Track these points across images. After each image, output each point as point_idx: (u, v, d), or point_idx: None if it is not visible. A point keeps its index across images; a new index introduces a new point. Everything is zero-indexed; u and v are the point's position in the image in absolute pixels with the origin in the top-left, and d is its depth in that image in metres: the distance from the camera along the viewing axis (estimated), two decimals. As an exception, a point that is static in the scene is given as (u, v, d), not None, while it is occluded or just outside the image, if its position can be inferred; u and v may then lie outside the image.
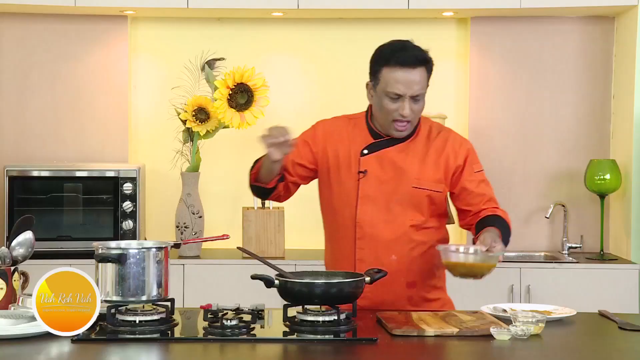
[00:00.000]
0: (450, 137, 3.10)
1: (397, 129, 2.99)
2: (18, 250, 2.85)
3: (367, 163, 3.04)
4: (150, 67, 5.07)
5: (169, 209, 4.91)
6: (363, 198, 3.03)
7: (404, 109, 2.95)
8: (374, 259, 3.02)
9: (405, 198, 3.02)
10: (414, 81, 2.94)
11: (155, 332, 2.55)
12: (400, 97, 2.95)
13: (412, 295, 3.06)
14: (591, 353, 2.43)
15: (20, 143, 4.94)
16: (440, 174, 3.05)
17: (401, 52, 2.97)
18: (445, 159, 3.05)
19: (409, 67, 2.94)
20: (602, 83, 4.96)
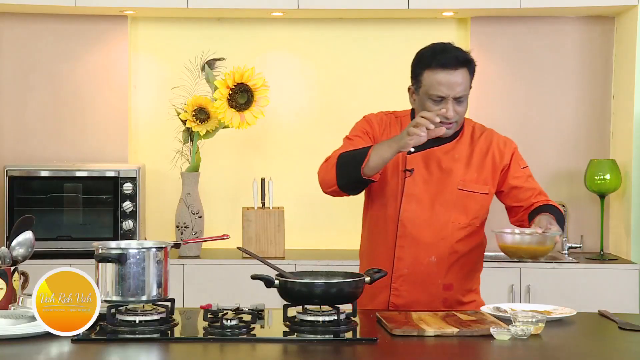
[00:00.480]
0: (495, 137, 3.11)
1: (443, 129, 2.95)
2: (18, 250, 2.85)
3: (413, 162, 3.03)
4: (150, 67, 5.07)
5: (169, 209, 4.91)
6: (408, 196, 3.01)
7: (448, 110, 2.94)
8: (413, 259, 3.02)
9: (450, 199, 3.02)
10: (456, 82, 2.93)
11: (155, 332, 2.55)
12: (443, 99, 2.94)
13: (448, 297, 3.05)
14: (591, 353, 2.43)
15: (20, 143, 4.94)
16: (485, 175, 3.05)
17: (442, 54, 2.96)
18: (491, 159, 3.06)
19: (451, 69, 2.93)
20: (602, 83, 4.96)
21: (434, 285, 3.03)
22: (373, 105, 5.06)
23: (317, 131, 5.10)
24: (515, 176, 3.08)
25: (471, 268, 3.11)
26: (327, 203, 5.11)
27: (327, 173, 3.02)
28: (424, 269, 3.01)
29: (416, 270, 3.01)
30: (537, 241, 2.68)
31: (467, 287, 3.11)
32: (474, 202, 3.04)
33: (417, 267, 3.01)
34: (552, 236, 2.68)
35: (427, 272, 3.01)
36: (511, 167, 3.08)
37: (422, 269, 3.01)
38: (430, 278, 3.01)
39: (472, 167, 3.04)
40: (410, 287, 3.02)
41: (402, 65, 5.03)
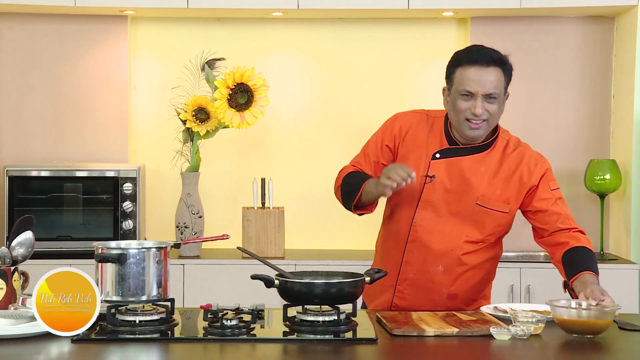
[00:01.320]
0: (527, 154, 3.01)
1: (471, 127, 2.90)
2: (18, 250, 2.85)
3: (436, 168, 2.96)
4: (150, 67, 5.07)
5: (169, 209, 4.91)
6: (424, 202, 2.96)
7: (476, 107, 2.87)
8: (421, 265, 2.99)
9: (467, 213, 2.95)
10: (487, 79, 2.88)
11: (155, 332, 2.55)
12: (473, 96, 2.88)
13: (451, 306, 3.01)
14: (591, 353, 2.43)
15: (20, 143, 4.94)
16: (509, 194, 2.97)
17: (475, 52, 2.95)
18: (518, 176, 2.97)
19: (482, 65, 2.90)
20: (602, 83, 4.96)
21: (439, 294, 3.00)
22: (373, 105, 5.09)
23: (317, 131, 5.10)
24: (542, 198, 2.98)
25: (481, 279, 3.06)
26: (327, 203, 5.10)
27: (337, 192, 3.12)
28: (430, 276, 2.98)
29: (422, 277, 2.99)
30: (596, 316, 2.54)
31: (473, 297, 3.07)
32: (491, 219, 2.97)
33: (424, 273, 2.98)
34: (612, 311, 2.56)
35: (432, 280, 2.98)
36: (539, 188, 2.98)
37: (428, 277, 2.98)
38: (436, 286, 2.98)
39: (497, 184, 2.96)
40: (414, 291, 3.00)
41: (402, 65, 5.07)
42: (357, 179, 3.01)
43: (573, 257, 2.90)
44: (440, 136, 3.00)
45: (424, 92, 5.05)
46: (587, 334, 2.53)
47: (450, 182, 2.95)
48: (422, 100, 5.02)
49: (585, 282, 2.77)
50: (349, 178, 3.03)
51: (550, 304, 2.60)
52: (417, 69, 5.07)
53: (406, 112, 3.12)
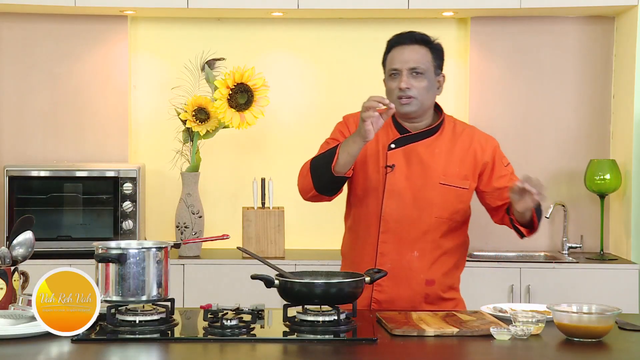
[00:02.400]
0: (476, 133, 3.16)
1: (402, 103, 3.03)
2: (18, 250, 2.85)
3: (394, 157, 3.06)
4: (150, 67, 5.07)
5: (169, 209, 4.91)
6: (389, 192, 3.04)
7: (401, 82, 3.02)
8: (396, 254, 3.05)
9: (432, 194, 3.04)
10: (410, 56, 3.05)
11: (155, 332, 2.55)
12: (399, 73, 3.04)
13: (430, 293, 3.08)
14: (591, 353, 2.43)
15: (20, 143, 4.94)
16: (466, 171, 3.08)
17: (399, 35, 3.12)
18: (472, 155, 3.09)
19: (404, 44, 3.07)
20: (602, 83, 4.96)
21: (416, 281, 3.05)
22: (373, 105, 5.08)
23: (317, 131, 5.07)
24: (500, 175, 3.11)
25: (453, 265, 3.13)
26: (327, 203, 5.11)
27: (304, 179, 3.08)
28: (407, 264, 3.04)
29: (399, 266, 3.04)
30: (598, 320, 2.54)
31: (449, 283, 3.13)
32: (454, 197, 3.07)
33: (400, 262, 3.04)
34: (613, 316, 2.57)
35: (409, 267, 3.04)
36: (495, 166, 3.11)
37: (404, 264, 3.04)
38: (413, 273, 3.04)
39: (454, 162, 3.07)
40: (393, 282, 3.03)
41: (402, 65, 5.06)
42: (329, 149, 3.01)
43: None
44: (390, 128, 3.11)
45: (424, 92, 5.04)
46: (588, 339, 2.52)
47: (410, 168, 3.05)
48: (422, 100, 5.02)
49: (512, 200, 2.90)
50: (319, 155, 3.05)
51: (551, 309, 2.60)
52: (417, 69, 5.06)
53: (354, 113, 3.20)
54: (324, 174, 2.99)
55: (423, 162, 3.05)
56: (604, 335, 2.53)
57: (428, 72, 3.05)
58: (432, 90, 3.08)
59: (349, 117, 3.20)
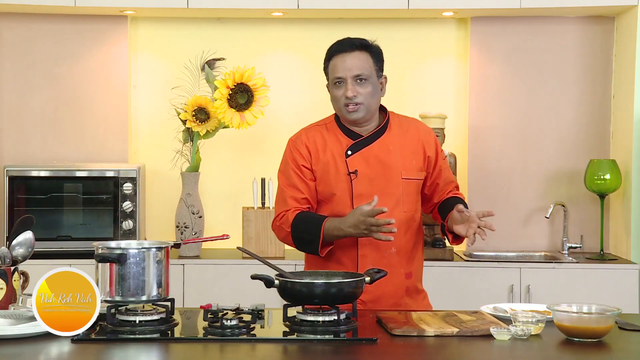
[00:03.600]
0: (420, 126, 3.23)
1: (349, 110, 3.08)
2: (18, 250, 2.85)
3: (354, 163, 3.11)
4: (150, 67, 5.07)
5: (169, 209, 4.91)
6: (357, 197, 3.08)
7: (347, 90, 3.06)
8: (376, 254, 3.09)
9: (397, 190, 3.10)
10: (352, 63, 3.08)
11: (155, 332, 2.55)
12: (343, 81, 3.08)
13: (409, 285, 3.15)
14: (591, 353, 2.43)
15: (20, 143, 4.94)
16: (420, 163, 3.16)
17: (338, 42, 3.16)
18: (422, 147, 3.17)
19: (345, 52, 3.10)
20: (602, 83, 4.96)
21: (397, 276, 3.10)
22: (373, 105, 5.08)
23: (317, 131, 5.09)
24: (442, 168, 3.20)
25: (421, 254, 3.23)
26: (327, 203, 5.12)
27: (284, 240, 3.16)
28: (387, 261, 3.08)
29: (380, 264, 3.06)
30: (598, 320, 2.53)
31: (419, 274, 3.22)
32: (414, 189, 3.15)
33: (381, 260, 3.08)
34: (613, 316, 2.56)
35: (390, 263, 3.08)
36: (438, 159, 3.20)
37: (385, 262, 3.08)
38: (393, 269, 3.08)
39: (408, 156, 3.14)
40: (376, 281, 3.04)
41: (402, 65, 5.06)
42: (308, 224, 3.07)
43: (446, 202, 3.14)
44: (340, 136, 3.15)
45: (424, 92, 5.05)
46: (588, 339, 2.52)
47: (371, 170, 3.10)
48: (422, 99, 5.02)
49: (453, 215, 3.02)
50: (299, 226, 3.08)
51: (551, 309, 2.60)
52: (417, 69, 5.07)
53: (299, 133, 3.25)
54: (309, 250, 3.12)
55: (382, 161, 3.11)
56: (604, 335, 2.53)
57: (371, 77, 3.10)
58: (377, 93, 3.13)
59: (296, 140, 3.22)
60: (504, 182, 4.98)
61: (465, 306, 3.21)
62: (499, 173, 4.97)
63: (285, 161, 3.21)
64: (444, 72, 5.08)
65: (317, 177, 3.13)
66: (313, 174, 3.14)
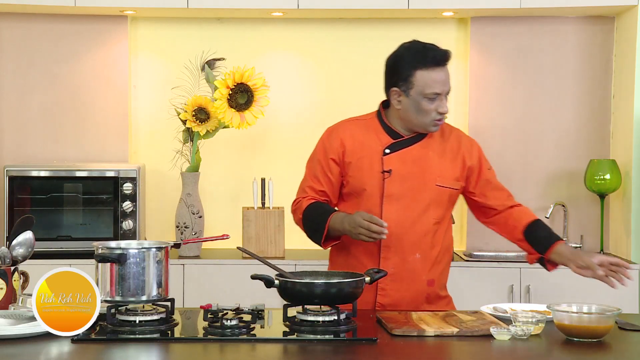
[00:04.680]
0: (462, 136, 3.20)
1: (436, 124, 3.04)
2: (18, 250, 2.85)
3: (390, 162, 3.06)
4: (150, 67, 5.07)
5: (169, 209, 4.91)
6: (388, 197, 3.04)
7: (443, 106, 3.02)
8: (399, 258, 3.05)
9: (429, 196, 3.06)
10: (447, 78, 3.03)
11: (155, 332, 2.55)
12: (438, 96, 3.01)
13: (430, 292, 3.10)
14: (591, 353, 2.43)
15: (20, 143, 4.94)
16: (457, 172, 3.11)
17: (430, 52, 3.05)
18: (461, 158, 3.12)
19: (442, 66, 3.03)
20: (602, 83, 4.96)
21: (419, 282, 3.07)
22: (373, 104, 5.06)
23: (317, 131, 5.04)
24: (486, 177, 3.17)
25: (447, 262, 3.18)
26: (327, 203, 5.11)
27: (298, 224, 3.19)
28: (410, 266, 3.05)
29: (402, 269, 3.04)
30: (598, 320, 2.54)
31: (443, 281, 3.17)
32: (447, 197, 3.11)
33: (403, 265, 3.04)
34: (613, 315, 2.57)
35: (412, 269, 3.05)
36: (482, 168, 3.17)
37: (407, 267, 3.05)
38: (415, 275, 3.05)
39: (446, 163, 3.10)
40: (396, 285, 3.04)
41: (402, 65, 5.06)
42: (318, 215, 3.08)
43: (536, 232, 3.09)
44: (381, 133, 3.11)
45: (424, 92, 5.04)
46: (588, 339, 2.52)
47: (406, 172, 3.06)
48: (422, 100, 5.02)
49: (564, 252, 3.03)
50: (310, 213, 3.10)
51: (551, 309, 2.60)
52: (417, 69, 5.06)
53: (337, 124, 3.23)
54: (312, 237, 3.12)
55: (418, 165, 3.07)
56: (604, 335, 2.53)
57: None
58: None
59: (332, 132, 3.20)
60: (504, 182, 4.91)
61: (465, 306, 3.21)
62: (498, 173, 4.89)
63: (316, 150, 3.20)
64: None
65: (349, 170, 3.09)
66: (341, 169, 3.11)
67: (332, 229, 3.02)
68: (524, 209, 3.18)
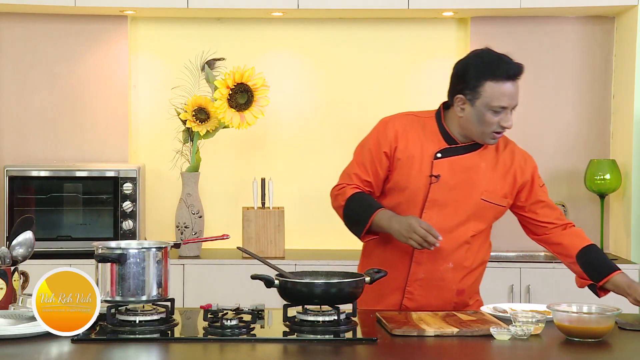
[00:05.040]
0: (517, 151, 3.10)
1: (495, 137, 2.96)
2: (18, 250, 2.85)
3: (439, 167, 2.98)
4: (150, 67, 5.07)
5: (169, 209, 4.91)
6: (431, 202, 2.98)
7: (507, 120, 2.93)
8: (431, 264, 3.00)
9: (472, 209, 2.99)
10: (516, 92, 2.94)
11: (155, 332, 2.55)
12: (504, 110, 2.92)
13: (459, 302, 3.06)
14: (591, 353, 2.43)
15: (20, 143, 4.94)
16: (507, 189, 3.03)
17: (504, 64, 2.95)
18: (512, 174, 3.04)
19: (514, 81, 2.93)
20: (602, 83, 4.96)
21: (448, 291, 3.03)
22: (373, 104, 5.08)
23: (317, 131, 5.10)
24: (538, 194, 3.07)
25: (480, 273, 3.12)
26: (327, 203, 5.10)
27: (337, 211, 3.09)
28: (441, 274, 3.01)
29: (433, 276, 3.01)
30: (598, 320, 2.53)
31: (474, 289, 3.12)
32: (492, 213, 3.03)
33: (434, 272, 3.00)
34: (613, 316, 2.56)
35: (443, 277, 3.01)
36: (534, 185, 3.06)
37: (438, 275, 3.01)
38: (446, 284, 3.01)
39: (496, 179, 3.02)
40: (424, 291, 3.01)
41: (402, 65, 5.07)
42: (363, 207, 2.98)
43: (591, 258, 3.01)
44: (436, 136, 3.02)
45: (424, 92, 5.04)
46: (588, 339, 2.52)
47: (454, 180, 2.98)
48: (421, 100, 5.02)
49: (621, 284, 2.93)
50: (353, 204, 3.00)
51: (551, 309, 2.60)
52: (417, 69, 5.07)
53: (395, 116, 3.10)
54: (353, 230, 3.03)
55: (467, 175, 2.98)
56: (604, 335, 2.53)
57: None
58: None
59: (388, 123, 3.06)
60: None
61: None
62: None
63: (368, 138, 3.07)
64: (444, 72, 5.04)
65: (397, 167, 3.00)
66: (390, 164, 3.01)
67: (375, 224, 2.94)
68: (577, 230, 3.08)
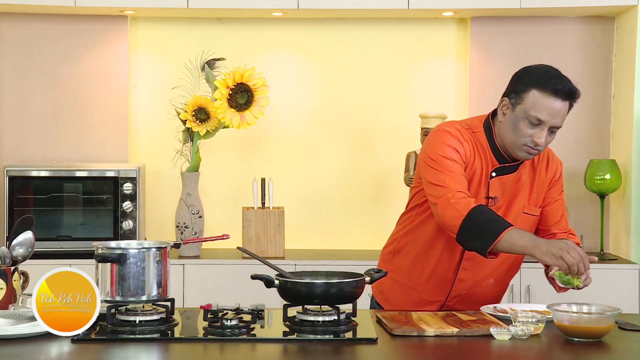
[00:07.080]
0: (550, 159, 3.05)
1: (528, 151, 2.87)
2: (18, 250, 2.85)
3: (494, 187, 2.93)
4: (150, 67, 5.07)
5: (169, 209, 4.91)
6: None
7: (540, 137, 2.83)
8: (473, 281, 3.00)
9: (515, 223, 2.88)
10: (560, 112, 2.83)
11: (155, 332, 2.55)
12: (541, 124, 2.83)
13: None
14: (591, 353, 2.43)
15: (20, 143, 4.94)
16: (540, 197, 3.01)
17: (557, 79, 2.84)
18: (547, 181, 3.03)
19: (560, 98, 2.82)
20: (602, 83, 4.95)
21: (483, 304, 2.99)
22: (373, 105, 5.09)
23: (317, 131, 5.10)
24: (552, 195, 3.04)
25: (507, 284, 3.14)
26: (327, 203, 5.12)
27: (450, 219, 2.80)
28: (482, 290, 3.02)
29: (474, 292, 3.01)
30: (598, 320, 2.53)
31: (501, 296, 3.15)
32: (531, 224, 3.00)
33: (476, 288, 3.01)
34: (613, 315, 2.55)
35: (483, 293, 3.02)
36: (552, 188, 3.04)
37: (479, 291, 3.01)
38: (483, 299, 3.01)
39: (534, 192, 2.99)
40: (463, 306, 3.01)
41: (402, 65, 5.07)
42: (490, 220, 2.77)
43: None
44: (487, 153, 2.94)
45: (424, 92, 5.05)
46: (588, 339, 2.52)
47: (502, 199, 2.95)
48: (422, 99, 5.02)
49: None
50: (479, 215, 2.77)
51: (551, 309, 2.60)
52: (417, 69, 5.07)
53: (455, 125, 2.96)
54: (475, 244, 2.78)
55: (512, 191, 2.95)
56: (604, 335, 2.53)
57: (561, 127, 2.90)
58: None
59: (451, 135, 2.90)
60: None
61: (465, 306, 3.21)
62: (499, 173, 4.97)
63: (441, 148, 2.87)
64: (444, 72, 5.07)
65: None
66: None
67: (505, 240, 2.72)
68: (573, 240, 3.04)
